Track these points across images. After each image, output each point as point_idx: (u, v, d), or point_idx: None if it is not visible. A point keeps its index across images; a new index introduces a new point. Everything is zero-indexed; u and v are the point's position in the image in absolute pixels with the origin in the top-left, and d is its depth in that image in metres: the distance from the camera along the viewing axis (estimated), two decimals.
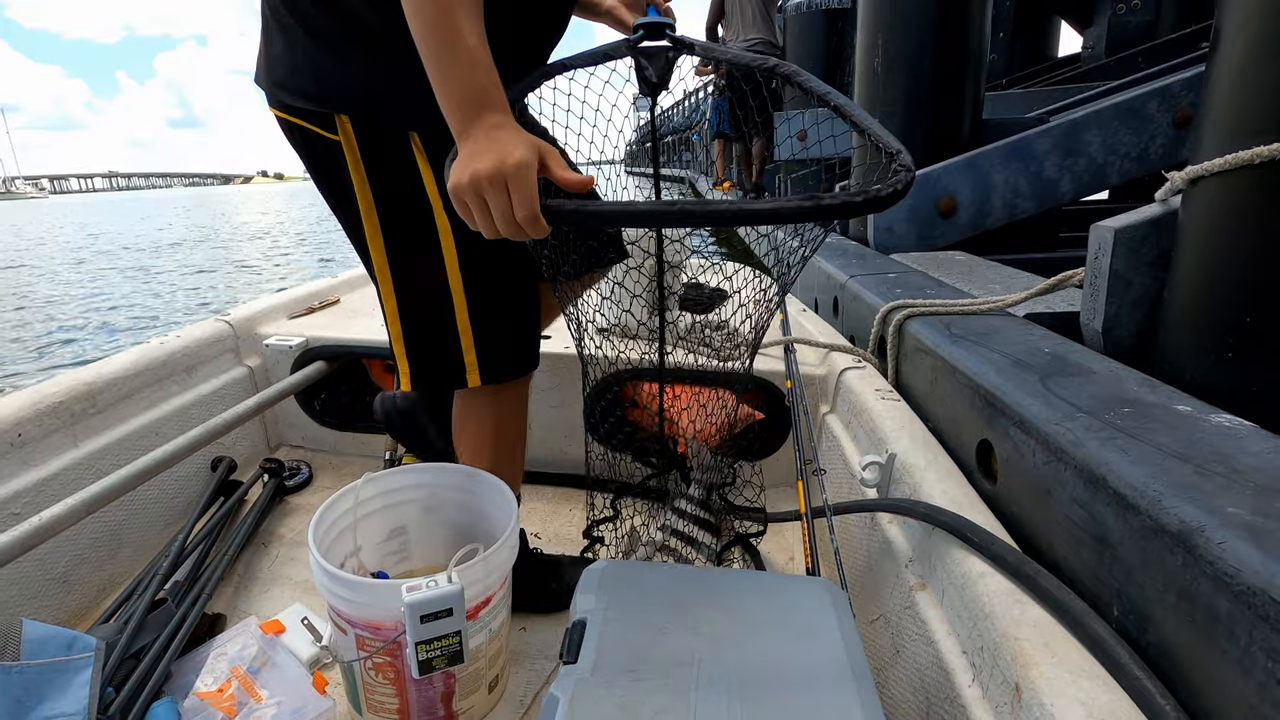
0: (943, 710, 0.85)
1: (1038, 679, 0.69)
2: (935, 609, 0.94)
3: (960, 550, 0.90)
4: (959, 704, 0.81)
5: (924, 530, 1.01)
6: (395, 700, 1.06)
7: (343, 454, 2.02)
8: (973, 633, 0.83)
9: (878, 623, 1.11)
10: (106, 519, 1.46)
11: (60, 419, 1.43)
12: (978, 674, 0.81)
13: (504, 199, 0.70)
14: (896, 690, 1.01)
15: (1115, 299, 1.39)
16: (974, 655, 0.82)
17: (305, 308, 2.17)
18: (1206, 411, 0.91)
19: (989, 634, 0.78)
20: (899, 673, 1.01)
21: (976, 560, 0.87)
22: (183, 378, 1.76)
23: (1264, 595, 0.58)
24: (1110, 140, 2.90)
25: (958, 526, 0.91)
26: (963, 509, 0.97)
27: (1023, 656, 0.72)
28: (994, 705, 0.76)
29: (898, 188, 0.69)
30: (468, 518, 1.29)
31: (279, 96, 0.99)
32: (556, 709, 0.69)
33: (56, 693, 0.98)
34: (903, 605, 1.01)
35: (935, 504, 0.99)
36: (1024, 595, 0.80)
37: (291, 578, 1.50)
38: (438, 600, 0.93)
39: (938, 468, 1.09)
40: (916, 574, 1.01)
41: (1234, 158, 1.07)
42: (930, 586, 0.97)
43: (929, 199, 2.96)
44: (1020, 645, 0.73)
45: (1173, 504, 0.70)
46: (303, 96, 0.97)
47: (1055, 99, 4.52)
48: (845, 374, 1.53)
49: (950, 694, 0.83)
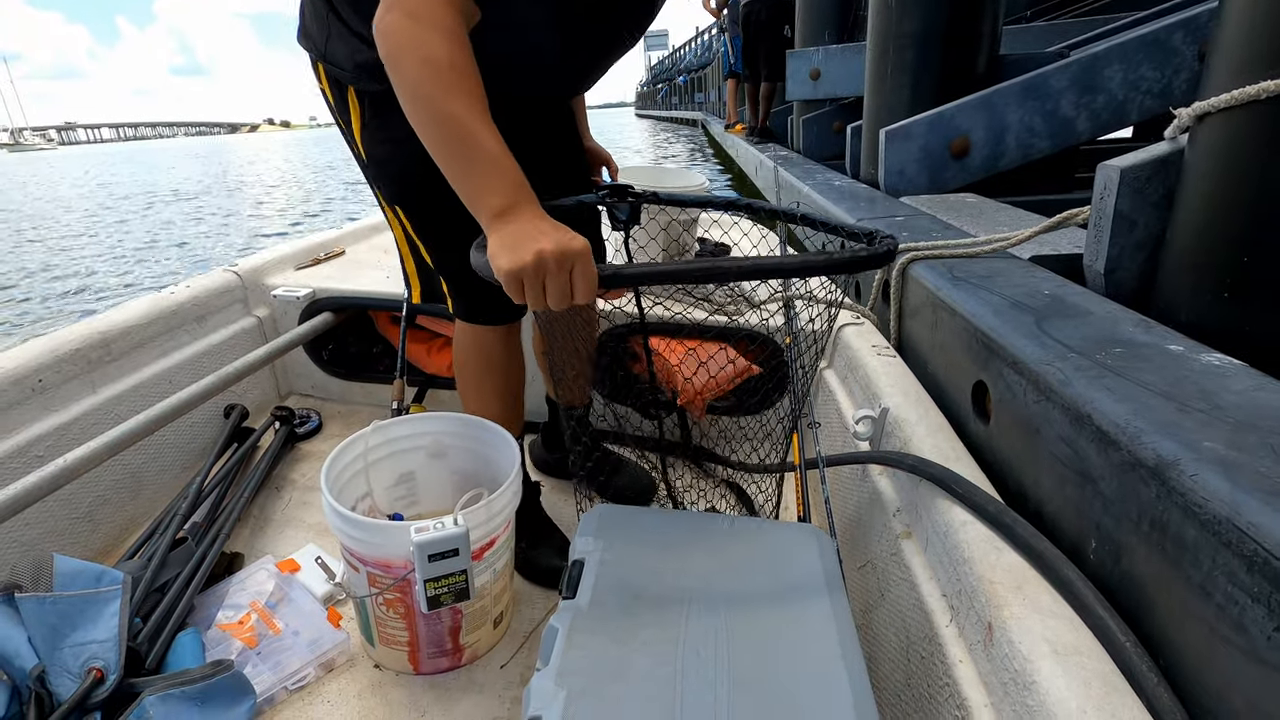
0: (921, 648, 0.91)
1: (1009, 619, 0.73)
2: (919, 555, 0.98)
3: (945, 500, 0.94)
4: (936, 642, 0.86)
5: (912, 481, 1.04)
6: (405, 633, 1.13)
7: (350, 403, 2.07)
8: (952, 577, 0.87)
9: (865, 569, 1.16)
10: (126, 462, 1.52)
11: (78, 366, 1.47)
12: (955, 615, 0.85)
13: (565, 278, 0.74)
14: (879, 631, 1.07)
15: (1119, 240, 1.36)
16: (953, 598, 0.87)
17: (311, 259, 2.19)
18: (1197, 351, 0.92)
19: (967, 578, 0.83)
20: (882, 615, 1.06)
21: (960, 510, 0.91)
22: (193, 327, 1.80)
23: (1228, 523, 0.61)
24: (1132, 75, 2.75)
25: (943, 478, 0.95)
26: (950, 462, 1.00)
27: (996, 598, 0.76)
28: (968, 644, 0.81)
29: (892, 247, 0.83)
30: (473, 464, 1.34)
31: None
32: (556, 639, 0.74)
33: (88, 622, 1.04)
34: (889, 552, 1.06)
35: (924, 457, 1.02)
36: (1002, 542, 0.84)
37: (304, 520, 1.57)
38: (444, 541, 0.99)
39: (928, 422, 1.13)
40: (903, 523, 1.06)
41: (1240, 93, 1.02)
42: (915, 534, 1.02)
43: (941, 140, 2.86)
44: (995, 588, 0.77)
45: (1151, 439, 0.72)
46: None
47: (1080, 31, 4.28)
48: (844, 330, 1.55)
49: (929, 633, 0.88)
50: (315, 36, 1.11)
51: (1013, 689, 0.69)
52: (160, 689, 0.97)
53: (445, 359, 1.93)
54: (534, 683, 0.69)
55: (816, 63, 5.06)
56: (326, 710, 1.11)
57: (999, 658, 0.72)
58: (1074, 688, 0.63)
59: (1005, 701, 0.70)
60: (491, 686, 1.15)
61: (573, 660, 0.71)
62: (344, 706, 1.11)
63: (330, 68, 1.10)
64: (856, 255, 0.78)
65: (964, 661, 0.79)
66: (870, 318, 1.62)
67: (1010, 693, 0.69)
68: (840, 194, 2.87)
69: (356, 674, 1.18)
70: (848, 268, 0.79)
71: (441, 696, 1.13)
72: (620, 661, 0.71)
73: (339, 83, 1.11)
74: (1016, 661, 0.69)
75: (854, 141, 3.78)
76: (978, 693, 0.75)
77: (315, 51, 1.11)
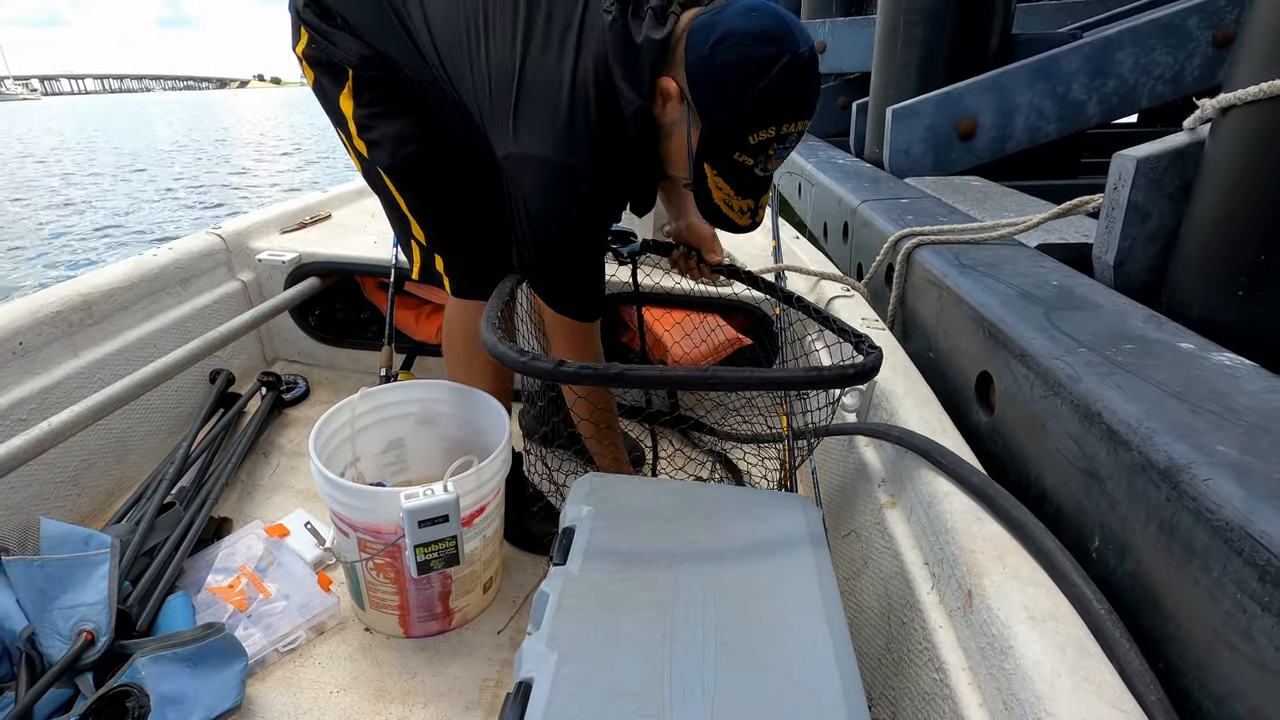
0: (903, 614, 0.93)
1: (988, 586, 0.75)
2: (903, 524, 1.00)
3: (929, 471, 0.96)
4: (917, 609, 0.88)
5: (897, 453, 1.06)
6: (396, 597, 1.14)
7: (338, 369, 2.06)
8: (934, 545, 0.89)
9: (849, 537, 1.19)
10: (111, 426, 1.51)
11: (59, 328, 1.45)
12: (936, 582, 0.88)
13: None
14: (863, 598, 1.09)
15: (1130, 231, 1.33)
16: (934, 566, 0.89)
17: (297, 222, 2.15)
18: (1208, 349, 0.90)
19: (949, 547, 0.85)
20: (865, 582, 1.08)
21: (943, 480, 0.93)
22: (177, 290, 1.77)
23: (1241, 531, 0.60)
24: (1144, 60, 2.71)
25: (928, 450, 0.97)
26: (935, 434, 1.01)
27: (977, 567, 0.78)
28: (948, 610, 0.83)
29: (877, 362, 0.94)
30: (462, 432, 1.34)
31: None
32: (547, 604, 0.75)
33: (77, 585, 1.05)
34: (873, 521, 1.08)
35: (910, 429, 1.03)
36: (984, 513, 0.86)
37: (293, 486, 1.57)
38: (434, 507, 0.99)
39: (915, 395, 1.14)
40: (888, 493, 1.08)
41: (1269, 86, 0.99)
42: (899, 504, 1.03)
43: (948, 120, 2.83)
44: (975, 557, 0.79)
45: (1164, 441, 0.71)
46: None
47: (1093, 11, 4.23)
48: (833, 302, 1.56)
49: (910, 599, 0.91)
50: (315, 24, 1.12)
51: (990, 653, 0.71)
52: (152, 651, 0.98)
53: (434, 325, 1.91)
54: (526, 646, 0.71)
55: (824, 35, 4.96)
56: (318, 672, 1.12)
57: (978, 624, 0.74)
58: (1049, 652, 0.65)
59: (983, 665, 0.72)
60: (481, 650, 1.17)
61: (563, 624, 0.72)
62: (335, 668, 1.13)
63: (329, 47, 1.10)
64: (844, 373, 0.90)
65: (944, 627, 0.82)
66: (860, 290, 1.63)
67: (988, 657, 0.71)
68: (844, 173, 2.84)
69: (347, 637, 1.19)
70: (836, 383, 0.94)
71: (432, 658, 1.15)
72: (610, 626, 0.73)
73: (333, 67, 1.11)
74: (995, 627, 0.71)
75: (859, 119, 3.73)
76: (956, 656, 0.78)
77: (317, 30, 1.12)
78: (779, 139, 0.88)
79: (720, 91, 0.86)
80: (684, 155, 0.94)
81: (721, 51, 0.84)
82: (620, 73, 0.91)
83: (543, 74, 0.93)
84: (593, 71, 0.92)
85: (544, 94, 0.93)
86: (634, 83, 0.91)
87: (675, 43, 0.89)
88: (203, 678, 0.99)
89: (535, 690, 0.65)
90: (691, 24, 0.88)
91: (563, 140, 0.93)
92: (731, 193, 0.93)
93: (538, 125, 0.94)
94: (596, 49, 0.92)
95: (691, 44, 0.87)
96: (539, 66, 0.94)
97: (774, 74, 0.83)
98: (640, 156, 0.99)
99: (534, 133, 0.94)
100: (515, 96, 0.95)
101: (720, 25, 0.85)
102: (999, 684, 0.69)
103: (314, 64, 1.14)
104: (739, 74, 0.84)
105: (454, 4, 1.01)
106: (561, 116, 0.93)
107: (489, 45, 0.97)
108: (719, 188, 0.92)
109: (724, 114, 0.86)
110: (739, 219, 0.96)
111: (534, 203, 0.98)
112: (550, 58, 0.93)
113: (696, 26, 0.87)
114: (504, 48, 0.96)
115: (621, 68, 0.91)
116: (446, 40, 1.02)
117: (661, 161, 1.00)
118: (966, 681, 0.75)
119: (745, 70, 0.83)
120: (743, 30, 0.84)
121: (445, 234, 1.21)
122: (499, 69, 0.96)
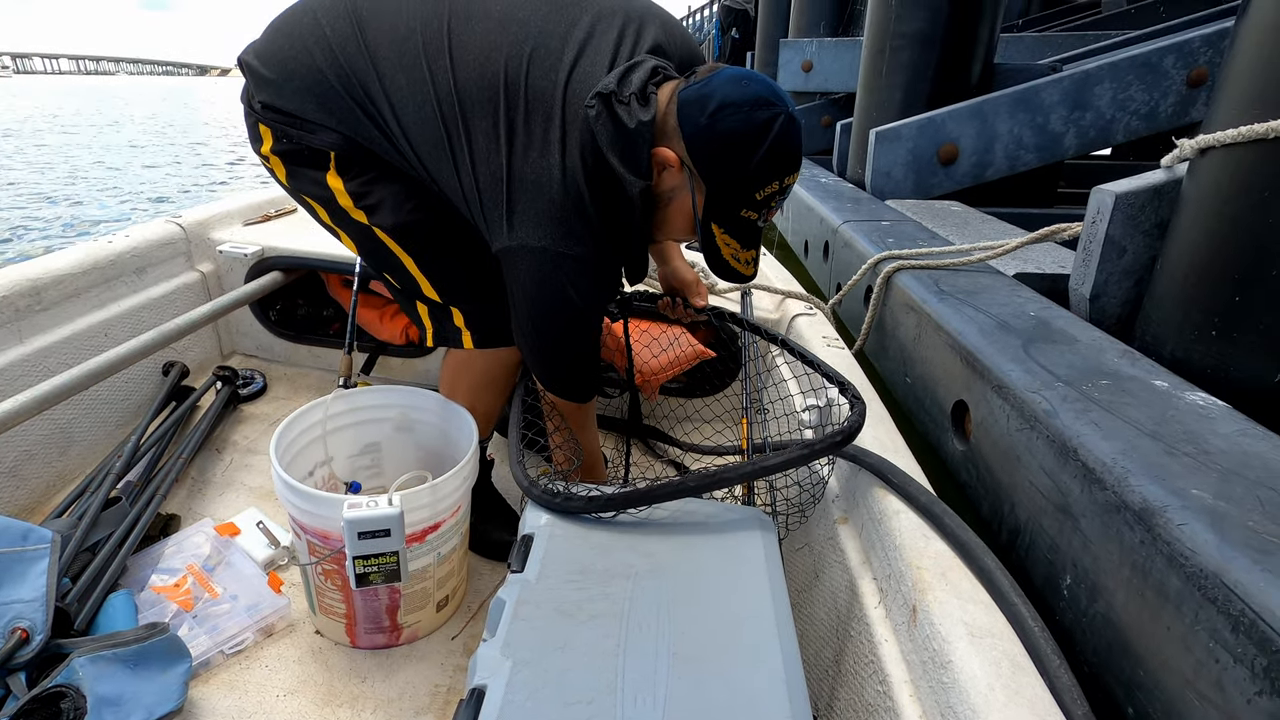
0: (850, 627, 0.96)
1: (932, 603, 0.78)
2: (854, 540, 1.03)
3: (881, 489, 0.99)
4: (865, 622, 0.91)
5: (851, 470, 1.09)
6: (343, 605, 1.12)
7: (297, 365, 2.02)
8: (883, 561, 0.92)
9: (802, 551, 1.21)
10: (55, 417, 1.46)
11: (5, 313, 1.40)
12: (883, 597, 0.90)
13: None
14: (813, 610, 1.12)
15: (1107, 265, 1.35)
16: (882, 581, 0.92)
17: (261, 215, 2.11)
18: (1182, 389, 0.91)
19: (896, 563, 0.88)
20: (816, 595, 1.11)
21: (894, 499, 0.96)
22: (132, 279, 1.72)
23: (1215, 579, 0.60)
24: (1121, 95, 2.79)
25: (881, 468, 1.00)
26: (888, 453, 1.05)
27: (921, 583, 0.81)
28: (894, 624, 0.86)
29: (858, 423, 0.98)
30: (439, 442, 1.33)
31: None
32: (503, 611, 0.76)
33: (14, 580, 1.01)
34: (826, 536, 1.11)
35: (864, 447, 1.07)
36: (931, 531, 0.89)
37: (246, 484, 1.53)
38: (376, 520, 0.97)
39: (871, 413, 1.17)
40: (841, 509, 1.10)
41: (1248, 130, 1.00)
42: (852, 520, 1.06)
43: (930, 145, 2.88)
44: (921, 574, 0.82)
45: (1139, 482, 0.72)
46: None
47: (1071, 45, 4.37)
48: (796, 319, 1.59)
49: (859, 613, 0.93)
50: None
51: (931, 667, 0.74)
52: (90, 650, 0.95)
53: (398, 325, 1.90)
54: (480, 653, 0.71)
55: (810, 54, 5.05)
56: (265, 675, 1.10)
57: (920, 638, 0.77)
58: (985, 667, 0.68)
59: (924, 678, 0.75)
60: (434, 656, 1.16)
61: (519, 632, 0.73)
62: (283, 671, 1.11)
63: (304, 135, 1.05)
64: (832, 441, 0.94)
65: (889, 640, 0.85)
66: (823, 309, 1.67)
67: (929, 671, 0.74)
68: (826, 192, 2.87)
69: (297, 639, 1.17)
70: (827, 452, 0.95)
71: (384, 663, 1.14)
72: (566, 634, 0.73)
73: (311, 152, 1.06)
74: (935, 642, 0.74)
75: (843, 139, 3.79)
76: (899, 669, 0.80)
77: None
78: (781, 191, 0.94)
79: (726, 156, 0.90)
80: (684, 219, 0.98)
81: (722, 120, 0.89)
82: (618, 160, 0.93)
83: (530, 171, 0.95)
84: (580, 161, 0.94)
85: (536, 189, 0.95)
86: (633, 166, 0.93)
87: (663, 118, 0.93)
88: (143, 679, 0.97)
89: (489, 697, 0.65)
90: (678, 97, 0.93)
91: (560, 230, 0.96)
92: (738, 246, 0.98)
93: (534, 218, 0.96)
94: (581, 139, 0.94)
95: (684, 115, 0.91)
96: (524, 164, 0.95)
97: (774, 134, 0.89)
98: (636, 229, 1.02)
99: (531, 226, 0.96)
100: (507, 195, 0.96)
101: (714, 96, 0.89)
102: (938, 697, 0.71)
103: (287, 157, 1.09)
104: (742, 139, 0.89)
105: (427, 112, 0.99)
106: (556, 208, 0.95)
107: (473, 149, 0.98)
108: (727, 244, 0.97)
109: (731, 176, 0.91)
110: (744, 270, 1.02)
111: (533, 290, 1.00)
112: (534, 153, 0.95)
113: (686, 99, 0.91)
114: (489, 150, 0.97)
115: (619, 155, 0.93)
116: (425, 148, 1.02)
117: (655, 229, 1.03)
118: (908, 694, 0.77)
119: (748, 134, 0.89)
120: (738, 99, 0.89)
121: (460, 282, 1.18)
122: (486, 172, 0.97)
